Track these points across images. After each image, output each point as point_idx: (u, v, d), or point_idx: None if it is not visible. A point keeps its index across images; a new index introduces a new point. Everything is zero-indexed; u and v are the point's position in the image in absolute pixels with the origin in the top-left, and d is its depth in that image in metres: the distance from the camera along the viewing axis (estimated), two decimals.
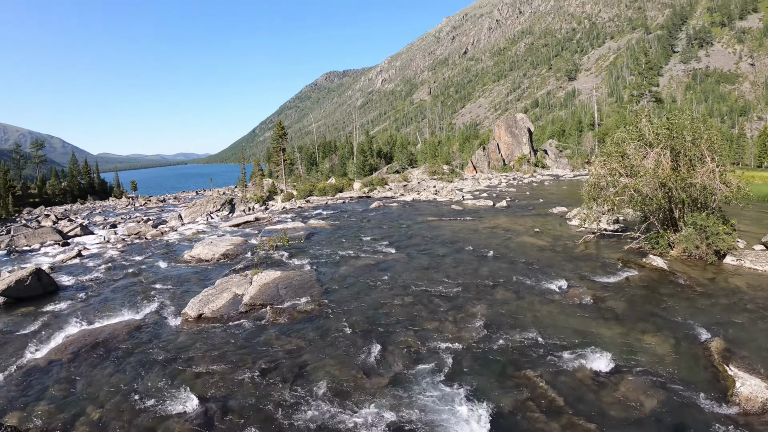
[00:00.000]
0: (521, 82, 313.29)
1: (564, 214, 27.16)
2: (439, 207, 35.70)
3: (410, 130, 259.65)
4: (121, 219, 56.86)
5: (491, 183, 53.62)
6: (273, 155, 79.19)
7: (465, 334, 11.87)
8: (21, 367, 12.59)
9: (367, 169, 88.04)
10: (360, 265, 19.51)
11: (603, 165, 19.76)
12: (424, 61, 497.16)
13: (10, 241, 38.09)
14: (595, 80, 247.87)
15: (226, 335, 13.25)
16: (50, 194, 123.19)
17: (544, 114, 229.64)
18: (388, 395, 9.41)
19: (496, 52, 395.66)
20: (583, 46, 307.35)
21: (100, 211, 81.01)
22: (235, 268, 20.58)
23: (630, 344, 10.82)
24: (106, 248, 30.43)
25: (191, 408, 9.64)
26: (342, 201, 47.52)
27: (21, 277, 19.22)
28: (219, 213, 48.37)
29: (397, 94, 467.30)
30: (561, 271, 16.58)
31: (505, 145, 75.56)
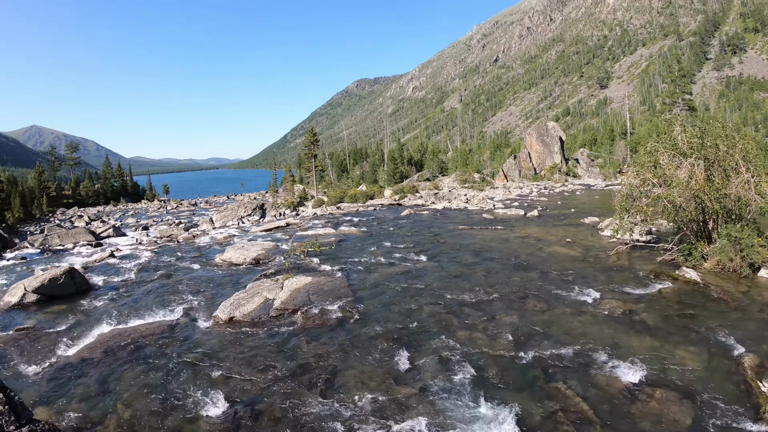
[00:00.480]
0: (552, 89, 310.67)
1: (596, 224, 26.78)
2: (470, 215, 35.44)
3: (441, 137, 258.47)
4: (153, 221, 57.44)
5: (522, 192, 53.20)
6: (304, 161, 79.57)
7: (496, 343, 11.73)
8: (53, 363, 12.71)
9: (398, 177, 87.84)
10: (391, 272, 19.43)
11: (636, 175, 19.47)
12: (455, 69, 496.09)
13: (43, 240, 38.61)
14: (627, 88, 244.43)
15: (256, 339, 13.24)
16: (84, 195, 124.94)
17: (575, 122, 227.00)
18: (417, 404, 9.31)
19: (527, 59, 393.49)
20: (615, 54, 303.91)
21: (133, 213, 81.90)
22: (266, 272, 20.59)
23: (662, 357, 10.58)
24: (138, 250, 30.70)
25: (221, 410, 9.63)
26: (373, 208, 47.44)
27: (55, 276, 19.45)
28: (250, 218, 48.60)
29: (428, 101, 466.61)
30: (593, 282, 16.30)
31: (536, 153, 74.95)
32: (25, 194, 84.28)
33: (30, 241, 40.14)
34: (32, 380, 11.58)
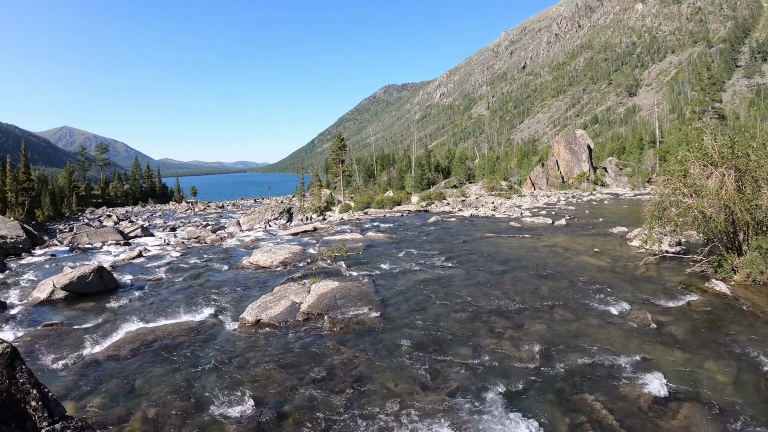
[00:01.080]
0: (580, 97, 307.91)
1: (624, 234, 26.39)
2: (497, 223, 35.22)
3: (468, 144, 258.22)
4: (180, 223, 57.87)
5: (550, 200, 52.76)
6: (331, 166, 79.75)
7: (523, 353, 11.53)
8: (80, 359, 12.75)
9: (425, 183, 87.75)
10: (418, 278, 19.28)
11: (666, 184, 19.16)
12: (483, 76, 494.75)
13: (72, 238, 39.02)
14: (656, 96, 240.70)
15: (283, 342, 13.17)
16: (112, 196, 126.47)
17: (603, 130, 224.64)
18: (444, 412, 9.14)
19: (554, 66, 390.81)
20: (644, 61, 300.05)
21: (161, 214, 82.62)
22: (293, 276, 20.59)
23: (690, 371, 10.31)
24: (166, 250, 30.90)
25: (246, 412, 9.56)
26: (400, 214, 47.36)
27: (83, 274, 19.60)
28: (277, 221, 48.76)
29: (456, 108, 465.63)
30: (621, 293, 15.99)
31: (564, 161, 74.35)
32: (55, 193, 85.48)
33: (59, 239, 40.57)
34: (59, 375, 11.61)
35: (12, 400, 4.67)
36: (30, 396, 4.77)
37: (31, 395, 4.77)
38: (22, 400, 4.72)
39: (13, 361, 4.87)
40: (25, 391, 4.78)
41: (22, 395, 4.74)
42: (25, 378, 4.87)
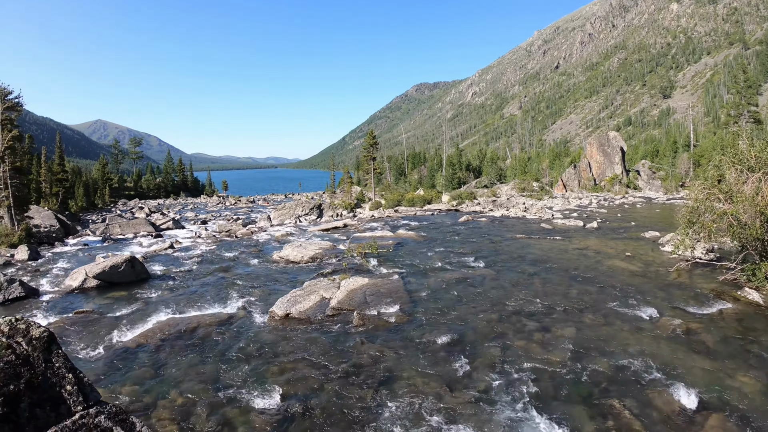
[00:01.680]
0: (614, 98, 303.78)
1: (656, 239, 25.97)
2: (528, 224, 34.99)
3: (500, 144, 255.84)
4: (211, 216, 58.35)
5: (581, 203, 52.26)
6: (363, 163, 79.79)
7: (551, 356, 11.42)
8: (110, 346, 12.95)
9: (456, 182, 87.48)
10: (447, 278, 19.20)
11: (701, 189, 18.85)
12: (515, 75, 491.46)
13: (105, 229, 39.59)
14: (691, 98, 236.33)
15: (312, 336, 13.19)
16: (145, 188, 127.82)
17: (637, 133, 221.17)
18: (470, 412, 9.11)
19: (588, 66, 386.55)
20: (679, 62, 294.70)
21: (192, 207, 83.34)
22: (323, 271, 20.69)
23: (720, 381, 10.09)
24: (197, 243, 31.18)
25: (273, 404, 9.60)
26: (430, 213, 47.28)
27: (116, 263, 19.85)
28: (307, 217, 48.94)
29: (487, 107, 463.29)
30: (652, 299, 15.74)
31: (597, 164, 73.55)
32: (88, 184, 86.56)
33: (92, 229, 41.19)
34: (89, 361, 11.77)
35: (47, 384, 4.72)
36: (65, 380, 4.81)
37: (66, 379, 4.82)
38: (58, 383, 4.77)
39: (49, 345, 4.92)
40: (60, 375, 4.82)
41: (57, 379, 4.79)
42: (61, 362, 4.92)
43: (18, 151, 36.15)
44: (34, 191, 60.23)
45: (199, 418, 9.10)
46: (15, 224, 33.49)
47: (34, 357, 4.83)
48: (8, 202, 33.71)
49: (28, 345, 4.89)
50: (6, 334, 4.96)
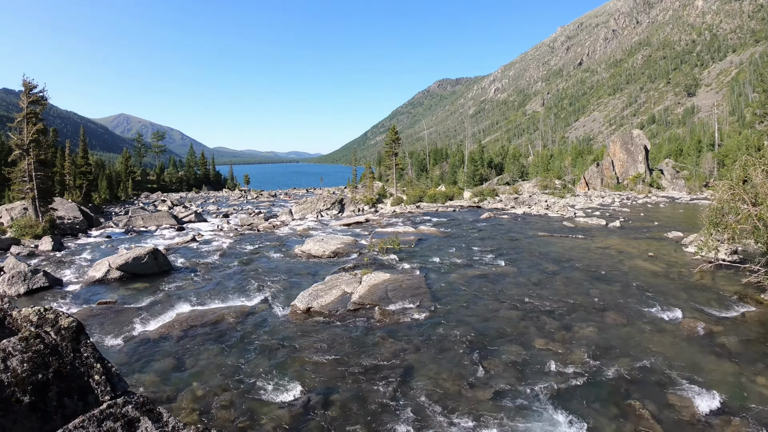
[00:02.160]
0: (638, 96, 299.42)
1: (680, 239, 25.67)
2: (550, 222, 34.85)
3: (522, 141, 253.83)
4: (233, 210, 58.59)
5: (604, 201, 51.86)
6: (384, 159, 79.64)
7: (572, 355, 11.37)
8: (132, 337, 13.11)
9: (478, 179, 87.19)
10: (469, 274, 19.17)
11: (727, 189, 18.60)
12: (538, 72, 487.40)
13: (128, 221, 39.90)
14: (716, 97, 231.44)
15: (333, 330, 13.24)
16: (167, 181, 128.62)
17: (660, 131, 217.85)
18: (490, 410, 9.09)
19: (612, 63, 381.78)
20: (704, 60, 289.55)
21: (214, 200, 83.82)
22: (345, 266, 20.73)
23: (742, 385, 9.97)
24: (219, 236, 31.36)
25: (294, 397, 9.67)
26: (452, 209, 47.25)
27: (139, 255, 20.02)
28: (329, 211, 49.04)
29: (510, 104, 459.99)
30: (674, 300, 15.56)
31: (620, 162, 72.87)
32: (111, 177, 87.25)
33: (115, 222, 41.53)
34: (112, 352, 11.88)
35: (76, 373, 4.76)
36: (93, 369, 4.85)
37: (94, 369, 4.86)
38: (86, 373, 4.81)
39: (78, 335, 4.96)
40: (88, 365, 4.87)
41: (85, 368, 4.83)
42: (90, 352, 4.96)
43: (42, 144, 36.57)
44: (58, 184, 60.73)
45: (221, 410, 9.16)
46: (39, 216, 33.88)
47: (63, 347, 4.87)
48: (33, 194, 34.11)
49: (57, 335, 4.93)
50: (35, 323, 5.01)
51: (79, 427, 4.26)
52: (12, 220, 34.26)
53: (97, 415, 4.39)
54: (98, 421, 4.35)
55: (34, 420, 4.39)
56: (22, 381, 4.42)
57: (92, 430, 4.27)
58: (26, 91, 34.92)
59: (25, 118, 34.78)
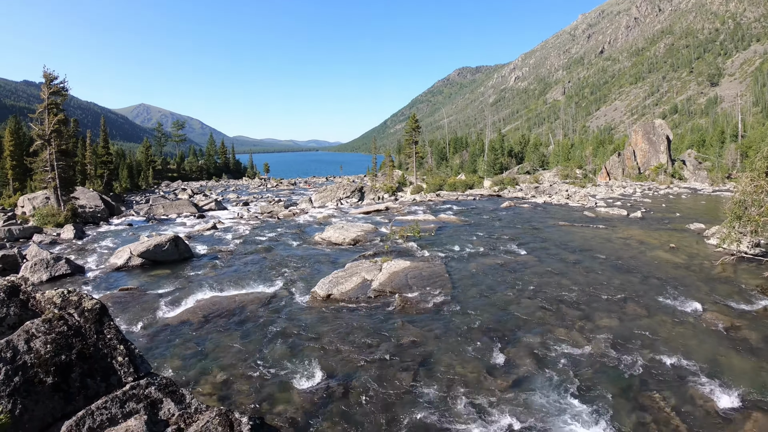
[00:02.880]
0: (660, 85, 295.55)
1: (702, 231, 25.35)
2: (570, 212, 34.67)
3: (542, 130, 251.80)
4: (253, 198, 58.83)
5: (625, 191, 51.43)
6: (405, 147, 79.43)
7: (592, 345, 11.30)
8: (154, 323, 13.20)
9: (498, 168, 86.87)
10: (489, 263, 19.10)
11: (751, 181, 18.37)
12: (559, 60, 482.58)
13: (148, 209, 40.20)
14: (739, 87, 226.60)
15: (353, 317, 13.24)
16: (187, 170, 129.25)
17: (683, 121, 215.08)
18: (509, 398, 9.08)
19: (633, 52, 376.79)
20: (727, 49, 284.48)
21: (234, 189, 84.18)
22: (365, 253, 20.70)
23: (762, 380, 9.82)
24: (239, 224, 31.48)
25: (314, 383, 9.69)
26: (472, 198, 47.12)
27: (160, 242, 20.15)
28: (349, 200, 49.10)
29: (530, 92, 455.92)
30: (696, 293, 15.39)
31: (642, 152, 72.10)
32: (132, 167, 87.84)
33: (135, 210, 41.83)
34: (133, 337, 11.92)
35: (99, 355, 4.77)
36: (116, 351, 4.87)
37: (117, 350, 4.88)
38: (109, 354, 4.82)
39: (101, 317, 4.98)
40: (112, 347, 4.88)
41: (109, 350, 4.85)
42: (113, 334, 4.97)
43: (64, 134, 36.97)
44: (80, 173, 61.20)
45: (241, 395, 9.20)
46: (61, 204, 34.19)
47: (86, 328, 4.88)
48: (54, 183, 34.42)
49: (80, 316, 4.95)
50: (58, 305, 5.03)
51: (102, 408, 4.27)
52: (34, 210, 34.63)
53: (120, 396, 4.41)
54: (121, 402, 4.37)
55: (57, 400, 4.41)
56: (45, 362, 4.44)
57: (115, 411, 4.28)
58: (47, 83, 35.22)
59: (46, 109, 35.11)
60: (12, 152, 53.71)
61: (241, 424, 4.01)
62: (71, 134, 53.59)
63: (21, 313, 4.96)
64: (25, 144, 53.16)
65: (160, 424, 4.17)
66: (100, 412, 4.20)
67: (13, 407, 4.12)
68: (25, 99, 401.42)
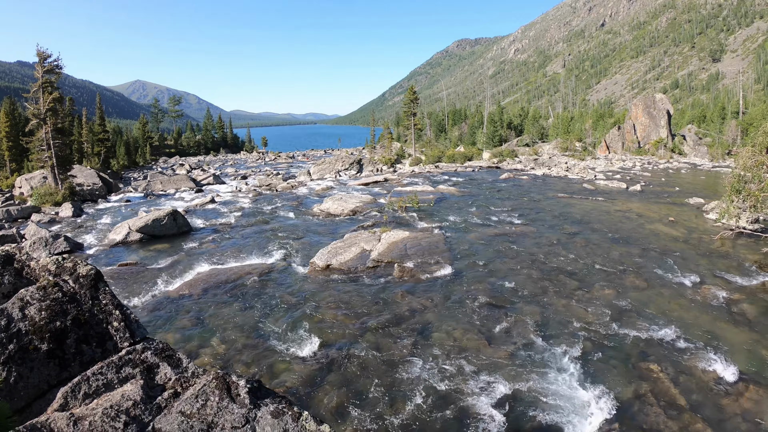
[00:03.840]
0: (661, 60, 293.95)
1: (701, 206, 25.29)
2: (569, 184, 34.62)
3: (542, 103, 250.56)
4: (251, 172, 58.69)
5: (625, 165, 51.36)
6: (403, 119, 79.27)
7: (591, 316, 11.33)
8: (154, 296, 13.17)
9: (497, 140, 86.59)
10: (488, 233, 19.09)
11: (750, 156, 18.30)
12: (559, 32, 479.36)
13: (146, 185, 40.12)
14: (741, 63, 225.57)
15: (352, 287, 13.24)
16: (185, 146, 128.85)
17: (684, 96, 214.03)
18: (507, 366, 9.10)
19: (635, 25, 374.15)
20: (730, 25, 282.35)
21: (232, 163, 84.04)
22: (364, 224, 20.67)
23: (759, 354, 9.86)
24: (237, 197, 31.44)
25: (313, 351, 9.73)
26: (471, 169, 47.19)
27: (158, 217, 20.10)
28: (347, 172, 49.06)
29: (530, 65, 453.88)
30: (694, 266, 15.39)
31: (642, 126, 71.76)
32: (129, 143, 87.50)
33: (133, 186, 41.79)
34: (133, 311, 11.87)
35: (94, 320, 4.73)
36: (112, 317, 4.82)
37: (113, 316, 4.83)
38: (104, 320, 4.78)
39: (96, 283, 4.92)
40: (107, 312, 4.83)
41: (104, 316, 4.80)
42: (108, 299, 4.92)
43: (59, 113, 36.75)
44: (77, 151, 60.95)
45: (241, 365, 9.22)
46: (59, 183, 34.12)
47: (81, 294, 4.83)
48: (51, 162, 34.33)
49: (75, 282, 4.89)
50: (53, 272, 4.98)
51: (98, 373, 4.22)
52: (32, 189, 34.52)
53: (115, 361, 4.35)
54: (117, 367, 4.32)
55: (52, 367, 4.36)
56: (39, 329, 4.39)
57: (111, 376, 4.23)
58: (41, 61, 34.95)
59: (41, 88, 34.89)
60: (8, 133, 53.61)
61: (239, 387, 3.96)
62: (67, 113, 53.29)
63: (15, 282, 4.91)
64: (21, 125, 53.07)
65: (157, 388, 4.13)
66: (95, 378, 4.16)
67: (8, 375, 4.08)
68: (20, 80, 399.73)
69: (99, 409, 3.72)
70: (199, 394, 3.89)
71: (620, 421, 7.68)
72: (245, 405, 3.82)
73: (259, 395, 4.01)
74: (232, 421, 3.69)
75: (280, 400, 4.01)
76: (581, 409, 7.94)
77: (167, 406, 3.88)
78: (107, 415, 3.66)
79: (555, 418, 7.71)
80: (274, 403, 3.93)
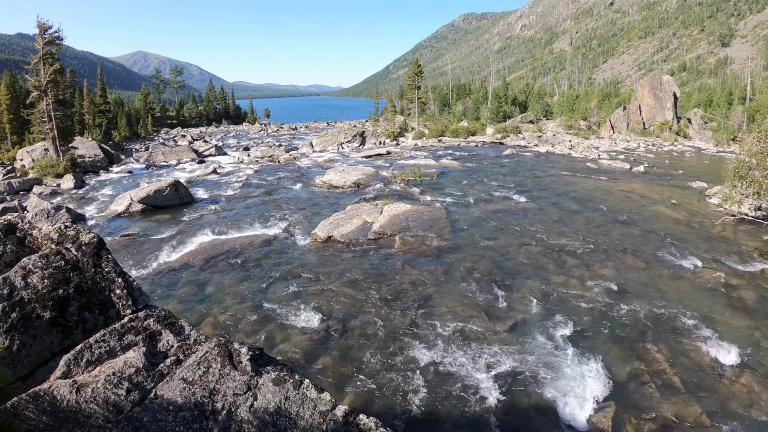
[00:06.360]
0: (669, 41, 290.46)
1: (703, 190, 25.18)
2: (573, 162, 34.50)
3: (547, 80, 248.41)
4: (253, 143, 58.52)
5: (629, 146, 51.15)
6: (407, 92, 78.81)
7: (590, 294, 11.39)
8: (155, 267, 13.22)
9: (501, 116, 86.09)
10: (490, 209, 19.09)
11: (755, 143, 18.22)
12: (567, 9, 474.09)
13: (148, 156, 40.09)
14: (751, 50, 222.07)
15: (353, 259, 13.30)
16: (187, 117, 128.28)
17: (691, 80, 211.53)
18: (507, 340, 9.20)
19: (645, 5, 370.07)
20: (741, 10, 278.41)
21: (234, 134, 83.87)
22: (366, 197, 20.72)
23: (756, 339, 9.90)
24: (239, 168, 31.40)
25: (312, 323, 9.81)
26: (474, 144, 47.11)
27: (160, 188, 20.10)
28: (350, 144, 48.92)
29: (537, 41, 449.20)
30: (694, 250, 15.40)
31: (647, 107, 71.21)
32: (131, 115, 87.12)
33: (135, 158, 41.69)
34: (135, 281, 11.95)
35: (97, 288, 4.73)
36: (114, 284, 4.83)
37: (115, 283, 4.84)
38: (107, 288, 4.79)
39: (99, 251, 4.92)
40: (109, 280, 4.84)
41: (106, 283, 4.81)
42: (111, 267, 4.92)
43: (60, 84, 36.58)
44: (78, 123, 60.59)
45: (242, 335, 9.29)
46: (60, 155, 34.02)
47: (84, 262, 4.83)
48: (53, 134, 34.22)
49: (78, 250, 4.90)
50: (55, 240, 4.98)
51: (100, 340, 4.23)
52: (33, 162, 34.41)
53: (118, 328, 4.37)
54: (119, 334, 4.33)
55: (54, 335, 4.38)
56: (42, 297, 4.40)
57: (113, 343, 4.25)
58: (41, 33, 34.71)
59: (42, 59, 34.67)
60: (9, 106, 53.30)
61: (241, 354, 3.98)
62: (68, 84, 53.09)
63: (18, 250, 4.92)
64: (22, 97, 52.72)
65: (159, 355, 4.15)
66: (98, 345, 4.17)
67: (11, 343, 4.10)
68: (20, 52, 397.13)
69: (101, 376, 3.74)
70: (201, 361, 3.90)
71: (615, 399, 7.77)
72: (247, 372, 3.84)
73: (260, 363, 4.02)
74: (234, 388, 3.71)
75: (282, 368, 4.02)
76: (577, 382, 8.04)
77: (169, 373, 3.90)
78: (110, 382, 3.67)
79: (551, 392, 7.79)
80: (276, 371, 3.94)
